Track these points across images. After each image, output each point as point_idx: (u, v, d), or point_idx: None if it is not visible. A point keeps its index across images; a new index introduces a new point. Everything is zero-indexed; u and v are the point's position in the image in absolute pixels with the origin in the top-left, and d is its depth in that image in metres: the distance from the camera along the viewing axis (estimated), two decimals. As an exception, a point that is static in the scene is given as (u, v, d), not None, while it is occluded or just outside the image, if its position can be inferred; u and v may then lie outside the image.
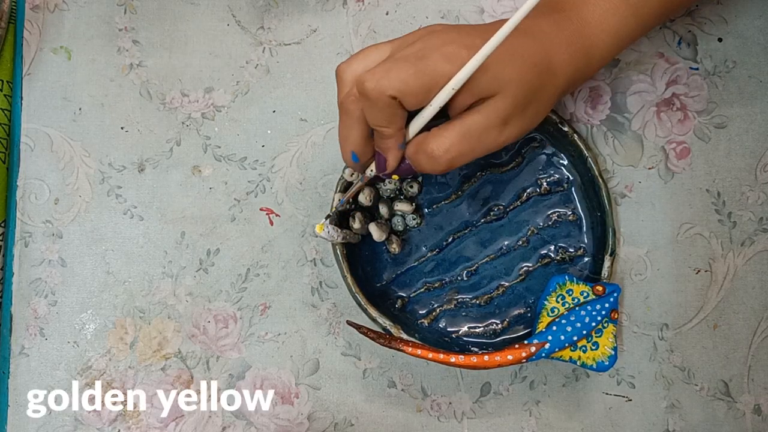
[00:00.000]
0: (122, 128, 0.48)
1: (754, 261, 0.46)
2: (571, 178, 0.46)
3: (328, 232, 0.41)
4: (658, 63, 0.47)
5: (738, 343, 0.46)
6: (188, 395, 0.46)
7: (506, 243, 0.46)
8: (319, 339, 0.47)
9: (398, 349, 0.42)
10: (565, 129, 0.44)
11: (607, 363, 0.42)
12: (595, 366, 0.42)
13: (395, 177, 0.39)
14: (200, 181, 0.48)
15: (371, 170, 0.39)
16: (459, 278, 0.46)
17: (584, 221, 0.46)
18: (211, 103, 0.48)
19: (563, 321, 0.42)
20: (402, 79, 0.34)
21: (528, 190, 0.46)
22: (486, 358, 0.41)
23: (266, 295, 0.47)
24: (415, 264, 0.46)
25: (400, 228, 0.46)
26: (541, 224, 0.46)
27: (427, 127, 0.37)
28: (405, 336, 0.43)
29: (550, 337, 0.41)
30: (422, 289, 0.46)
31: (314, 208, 0.47)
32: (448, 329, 0.46)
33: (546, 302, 0.43)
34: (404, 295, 0.46)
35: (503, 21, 0.39)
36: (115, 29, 0.49)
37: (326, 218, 0.42)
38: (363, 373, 0.47)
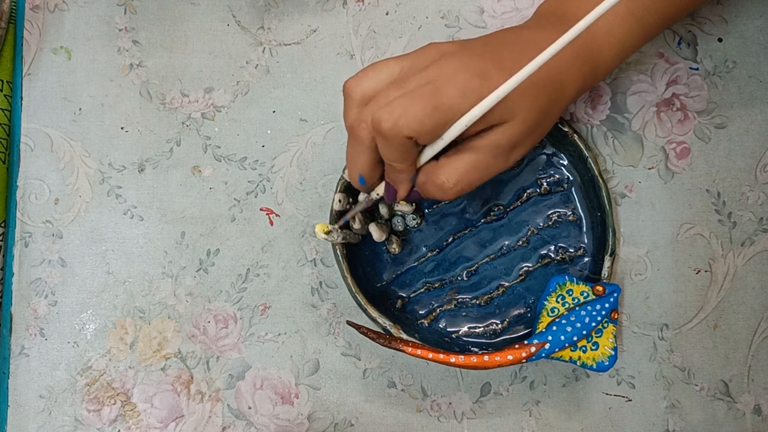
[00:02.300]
0: (122, 128, 0.48)
1: (754, 261, 0.46)
2: (571, 178, 0.46)
3: (330, 233, 0.41)
4: (658, 63, 0.47)
5: (738, 343, 0.46)
6: (188, 395, 0.46)
7: (506, 243, 0.46)
8: (319, 339, 0.47)
9: (398, 349, 0.42)
10: (565, 129, 0.44)
11: (607, 363, 0.42)
12: (595, 366, 0.42)
13: (402, 202, 0.40)
14: (200, 182, 0.48)
15: (377, 194, 0.40)
16: (459, 278, 0.46)
17: (584, 221, 0.46)
18: (211, 103, 0.48)
19: (563, 321, 0.42)
20: (419, 120, 0.34)
21: (528, 191, 0.46)
22: (486, 358, 0.41)
23: (266, 295, 0.47)
24: (415, 264, 0.46)
25: (400, 228, 0.46)
26: (541, 224, 0.46)
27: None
28: (405, 336, 0.43)
29: (550, 338, 0.41)
30: (422, 290, 0.46)
31: (314, 208, 0.47)
32: (448, 329, 0.46)
33: (546, 302, 0.43)
34: (404, 295, 0.46)
35: (508, 32, 0.39)
36: (115, 29, 0.49)
37: (326, 233, 0.41)
38: (363, 374, 0.47)
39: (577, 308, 0.42)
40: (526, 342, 0.42)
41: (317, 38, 0.49)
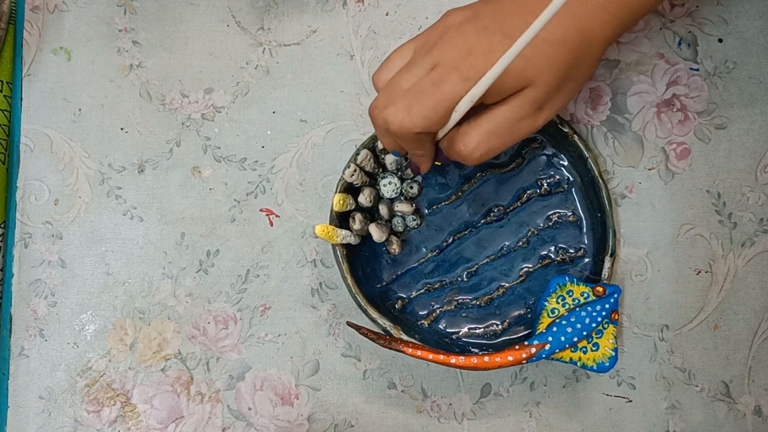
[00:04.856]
0: (122, 129, 0.48)
1: (755, 262, 0.46)
2: (571, 178, 0.46)
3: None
4: (659, 64, 0.47)
5: (738, 344, 0.46)
6: (188, 396, 0.46)
7: (506, 244, 0.46)
8: (319, 340, 0.47)
9: (398, 350, 0.41)
10: (566, 130, 0.44)
11: (607, 364, 0.42)
12: (595, 367, 0.42)
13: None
14: (200, 182, 0.48)
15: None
16: (459, 279, 0.46)
17: (584, 222, 0.46)
18: (211, 104, 0.48)
19: (563, 322, 0.42)
20: (423, 116, 0.34)
21: (528, 191, 0.46)
22: (486, 359, 0.41)
23: (266, 296, 0.47)
24: (415, 265, 0.46)
25: (400, 229, 0.46)
26: (541, 225, 0.46)
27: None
28: (405, 337, 0.43)
29: (550, 338, 0.41)
30: (422, 290, 0.46)
31: (314, 209, 0.47)
32: (448, 330, 0.46)
33: (546, 303, 0.43)
34: (404, 296, 0.46)
35: None
36: (115, 30, 0.49)
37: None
38: (363, 374, 0.46)
39: (577, 309, 0.42)
40: (526, 343, 0.41)
41: (317, 39, 0.49)
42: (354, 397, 0.46)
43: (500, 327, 0.45)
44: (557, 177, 0.46)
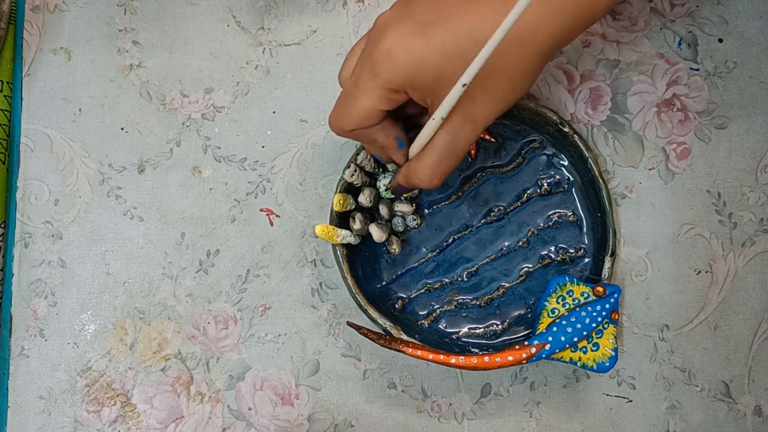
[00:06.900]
0: (122, 129, 0.48)
1: (755, 262, 0.46)
2: (571, 178, 0.46)
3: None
4: (659, 64, 0.47)
5: (738, 344, 0.46)
6: (188, 396, 0.46)
7: (506, 244, 0.46)
8: (319, 340, 0.47)
9: (398, 350, 0.41)
10: (566, 130, 0.44)
11: (607, 364, 0.42)
12: (595, 367, 0.42)
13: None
14: (200, 182, 0.48)
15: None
16: (459, 279, 0.46)
17: (584, 222, 0.46)
18: (211, 104, 0.48)
19: (563, 322, 0.42)
20: (347, 114, 0.37)
21: (528, 191, 0.46)
22: (486, 359, 0.41)
23: (266, 295, 0.47)
24: (415, 265, 0.46)
25: (401, 229, 0.46)
26: (542, 225, 0.46)
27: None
28: (405, 337, 0.43)
29: (550, 338, 0.41)
30: (422, 290, 0.46)
31: (314, 208, 0.47)
32: (449, 330, 0.46)
33: (546, 303, 0.43)
34: (404, 296, 0.46)
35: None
36: (115, 30, 0.49)
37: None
38: (363, 374, 0.46)
39: (577, 309, 0.42)
40: (526, 343, 0.41)
41: (317, 39, 0.49)
42: (354, 397, 0.46)
43: (500, 327, 0.45)
44: (557, 177, 0.46)
